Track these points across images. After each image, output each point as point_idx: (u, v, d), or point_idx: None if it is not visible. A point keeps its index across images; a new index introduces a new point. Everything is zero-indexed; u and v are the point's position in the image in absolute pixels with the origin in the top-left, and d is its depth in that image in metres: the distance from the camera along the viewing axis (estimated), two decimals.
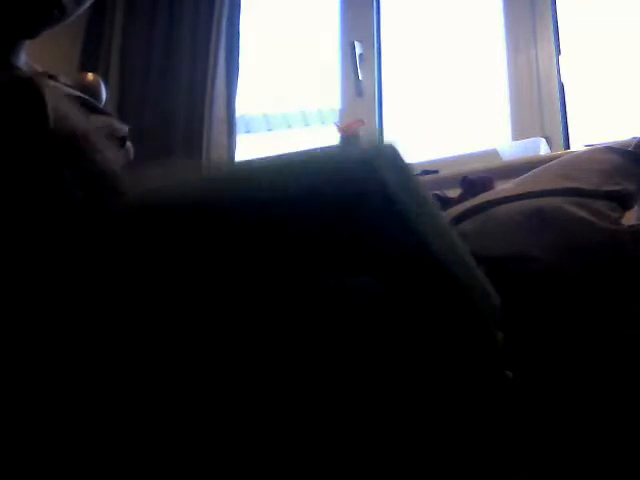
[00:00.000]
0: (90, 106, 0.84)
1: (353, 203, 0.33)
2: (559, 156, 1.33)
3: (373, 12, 2.39)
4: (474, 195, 1.22)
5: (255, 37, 2.52)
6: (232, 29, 2.36)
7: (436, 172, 1.92)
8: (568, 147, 1.98)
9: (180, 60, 2.28)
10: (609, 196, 1.09)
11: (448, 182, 1.53)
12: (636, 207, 1.18)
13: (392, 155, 0.34)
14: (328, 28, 2.47)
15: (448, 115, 2.20)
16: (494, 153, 1.90)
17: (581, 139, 1.99)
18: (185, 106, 2.25)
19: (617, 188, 1.10)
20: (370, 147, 0.34)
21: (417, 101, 2.29)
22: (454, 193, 1.29)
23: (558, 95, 2.03)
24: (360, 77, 2.28)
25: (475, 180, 1.28)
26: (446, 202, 1.25)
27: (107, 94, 2.09)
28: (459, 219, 1.15)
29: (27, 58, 0.84)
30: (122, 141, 0.87)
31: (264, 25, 2.60)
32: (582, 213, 1.06)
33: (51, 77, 0.83)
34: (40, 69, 0.86)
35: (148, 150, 1.07)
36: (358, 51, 2.32)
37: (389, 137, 2.14)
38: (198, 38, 2.29)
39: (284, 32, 2.57)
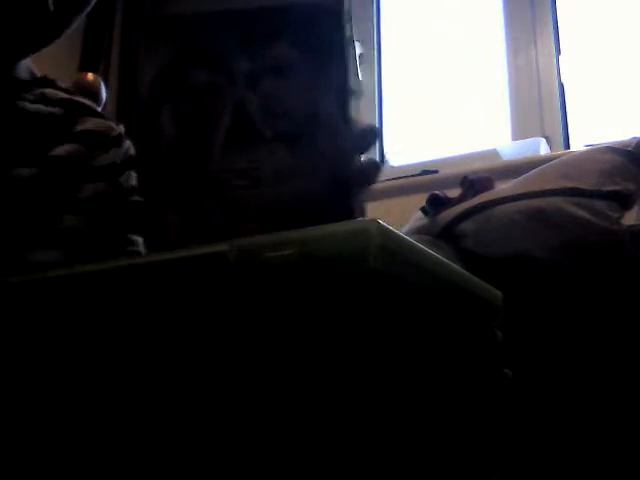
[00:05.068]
0: (85, 109, 0.83)
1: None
2: (559, 156, 1.33)
3: (373, 12, 2.39)
4: (474, 195, 1.22)
5: None
6: None
7: (436, 172, 1.92)
8: (568, 147, 1.98)
9: None
10: (609, 196, 1.09)
11: (448, 182, 1.53)
12: (636, 207, 1.18)
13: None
14: None
15: (448, 115, 2.20)
16: (494, 153, 1.90)
17: (581, 139, 1.99)
18: None
19: (617, 188, 1.10)
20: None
21: (417, 101, 2.29)
22: (454, 193, 1.29)
23: (558, 95, 2.03)
24: (360, 77, 2.28)
25: (475, 180, 1.28)
26: (446, 202, 1.25)
27: (107, 94, 2.09)
28: (459, 219, 1.15)
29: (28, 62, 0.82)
30: (117, 140, 0.84)
31: None
32: (582, 213, 1.06)
33: (48, 83, 0.82)
34: (38, 71, 0.85)
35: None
36: (358, 51, 2.31)
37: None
38: None
39: None
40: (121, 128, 0.85)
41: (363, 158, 0.49)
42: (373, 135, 0.50)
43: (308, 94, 0.47)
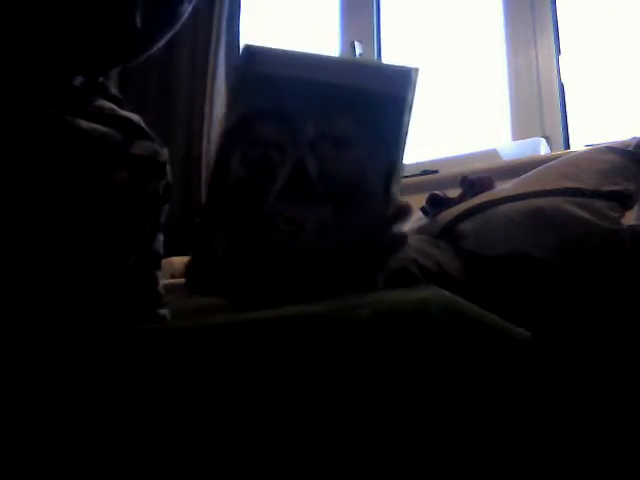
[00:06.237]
0: (137, 131, 0.79)
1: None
2: (559, 156, 1.33)
3: (373, 12, 2.39)
4: (474, 195, 1.22)
5: (255, 37, 2.52)
6: (232, 29, 2.36)
7: (436, 172, 1.92)
8: (568, 147, 1.98)
9: (180, 60, 2.28)
10: (609, 196, 1.09)
11: (448, 182, 1.53)
12: (636, 207, 1.18)
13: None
14: (328, 28, 2.47)
15: (448, 115, 2.20)
16: (494, 153, 1.90)
17: (581, 139, 1.99)
18: (185, 106, 2.26)
19: (617, 188, 1.10)
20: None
21: (417, 101, 2.29)
22: (454, 193, 1.29)
23: (558, 95, 2.03)
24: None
25: (475, 180, 1.28)
26: (446, 202, 1.25)
27: None
28: (459, 219, 1.15)
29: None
30: (162, 169, 0.81)
31: (264, 25, 2.60)
32: (582, 213, 1.06)
33: (101, 89, 0.79)
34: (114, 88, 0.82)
35: None
36: (358, 51, 2.32)
37: None
38: (198, 38, 2.29)
39: (284, 32, 2.57)
40: (166, 153, 0.82)
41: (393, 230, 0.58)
42: (405, 213, 0.58)
43: (359, 166, 0.55)
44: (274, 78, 0.56)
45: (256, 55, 0.57)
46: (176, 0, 0.70)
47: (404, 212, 0.58)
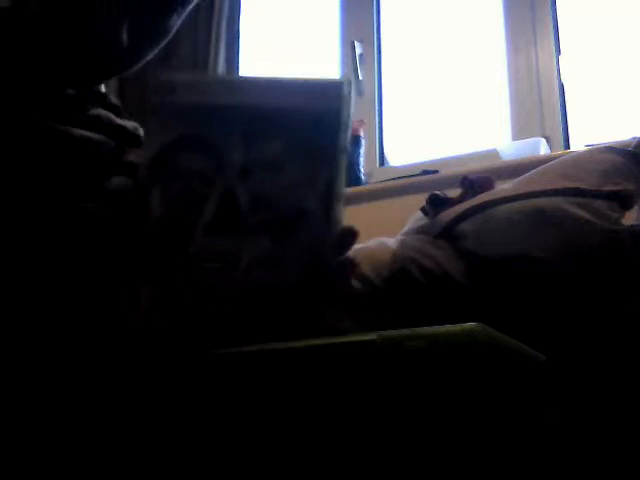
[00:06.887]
0: (131, 138, 0.79)
1: None
2: (559, 156, 1.33)
3: (373, 12, 2.39)
4: (474, 195, 1.22)
5: (255, 37, 2.52)
6: (232, 29, 2.36)
7: (436, 172, 1.92)
8: (568, 147, 1.98)
9: (180, 61, 2.28)
10: (609, 196, 1.09)
11: (448, 182, 1.53)
12: (636, 207, 1.18)
13: None
14: (328, 28, 2.47)
15: (448, 115, 2.20)
16: (494, 153, 1.90)
17: (581, 139, 1.99)
18: None
19: (617, 188, 1.10)
20: None
21: (417, 101, 2.29)
22: (454, 193, 1.29)
23: (558, 95, 2.03)
24: (360, 77, 2.28)
25: (475, 180, 1.28)
26: (446, 202, 1.25)
27: None
28: (459, 219, 1.15)
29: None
30: None
31: (264, 25, 2.60)
32: (582, 213, 1.06)
33: (101, 98, 0.79)
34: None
35: None
36: (358, 51, 2.32)
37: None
38: (198, 38, 2.29)
39: (284, 32, 2.57)
40: None
41: (339, 258, 0.53)
42: (352, 237, 0.54)
43: (295, 192, 0.50)
44: (194, 107, 0.52)
45: (172, 85, 0.53)
46: (165, 14, 0.71)
47: (350, 235, 0.54)
